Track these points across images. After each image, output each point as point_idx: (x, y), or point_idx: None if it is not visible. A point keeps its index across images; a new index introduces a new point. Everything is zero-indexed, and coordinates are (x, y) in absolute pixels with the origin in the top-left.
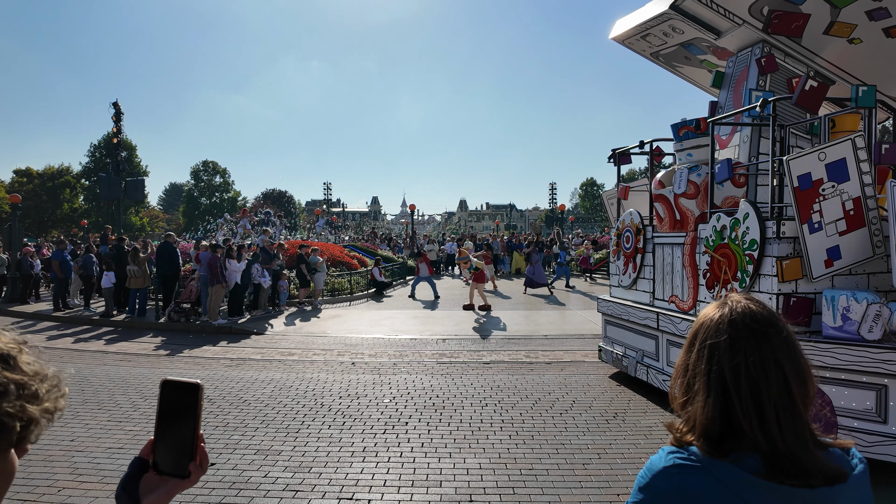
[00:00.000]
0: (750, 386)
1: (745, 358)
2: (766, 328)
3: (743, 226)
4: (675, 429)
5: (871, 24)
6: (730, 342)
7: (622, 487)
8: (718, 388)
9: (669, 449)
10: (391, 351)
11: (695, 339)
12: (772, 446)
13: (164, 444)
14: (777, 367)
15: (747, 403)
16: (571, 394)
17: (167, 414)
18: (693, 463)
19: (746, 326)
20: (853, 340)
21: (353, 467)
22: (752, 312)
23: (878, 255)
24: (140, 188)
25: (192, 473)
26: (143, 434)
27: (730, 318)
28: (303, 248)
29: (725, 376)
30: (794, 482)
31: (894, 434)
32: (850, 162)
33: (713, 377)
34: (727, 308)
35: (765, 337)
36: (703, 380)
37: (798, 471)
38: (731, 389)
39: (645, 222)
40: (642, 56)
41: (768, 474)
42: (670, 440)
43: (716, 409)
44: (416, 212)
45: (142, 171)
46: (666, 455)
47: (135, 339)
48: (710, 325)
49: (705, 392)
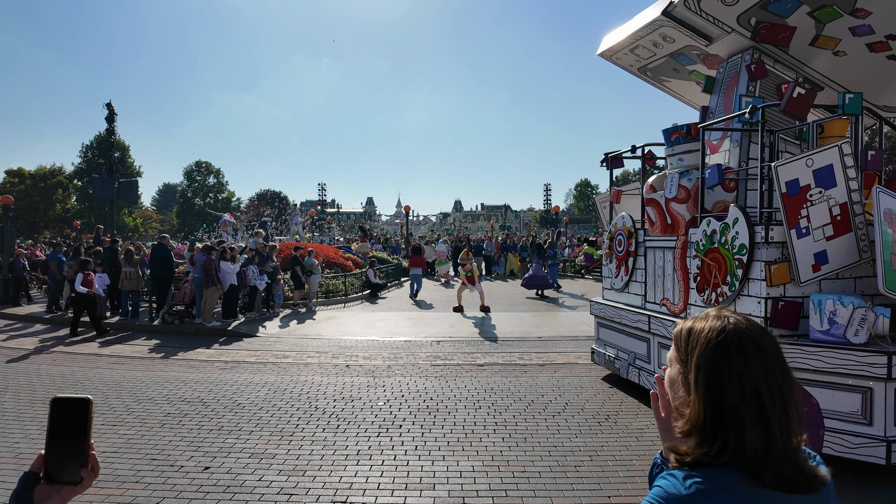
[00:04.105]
0: (755, 398)
1: (749, 370)
2: (762, 339)
3: (732, 230)
4: (679, 451)
5: (855, 39)
6: (734, 353)
7: (613, 489)
8: (721, 402)
9: (684, 474)
10: (385, 353)
11: (689, 353)
12: (772, 457)
13: (57, 455)
14: (778, 378)
15: (762, 414)
16: (564, 396)
17: (60, 428)
18: (713, 486)
19: (750, 338)
20: (839, 344)
21: (347, 470)
22: (748, 325)
23: (864, 259)
24: (133, 189)
25: (84, 479)
26: (136, 438)
27: (730, 329)
28: (297, 250)
29: (731, 390)
30: (795, 490)
31: (879, 436)
32: (837, 168)
33: (717, 391)
34: (723, 321)
35: (761, 349)
36: (706, 393)
37: (798, 479)
38: (739, 402)
39: (637, 226)
40: (629, 72)
41: (769, 484)
42: (673, 461)
43: (716, 422)
44: (410, 213)
45: (135, 171)
46: (684, 483)
47: (128, 342)
48: (708, 336)
49: (710, 405)
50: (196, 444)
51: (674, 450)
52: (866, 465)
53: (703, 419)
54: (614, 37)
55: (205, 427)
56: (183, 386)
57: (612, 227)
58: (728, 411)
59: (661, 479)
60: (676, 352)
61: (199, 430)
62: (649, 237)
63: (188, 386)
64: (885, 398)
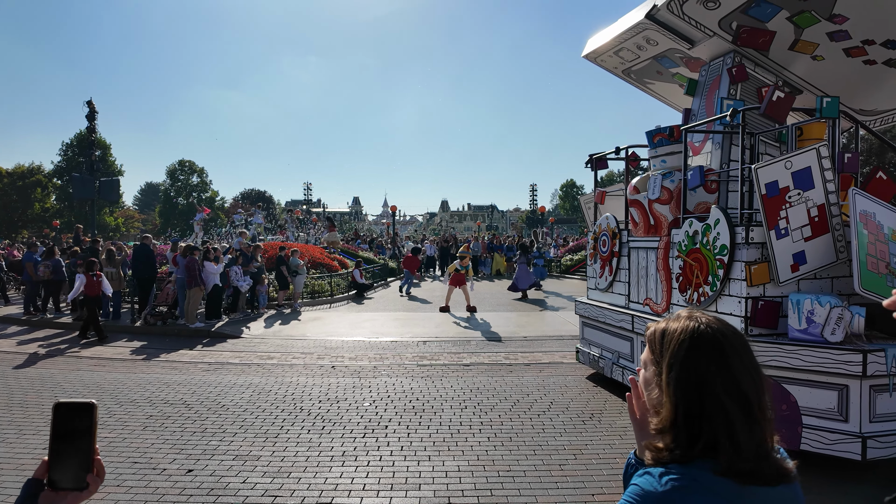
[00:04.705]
0: (734, 396)
1: (725, 369)
2: (735, 340)
3: (714, 231)
4: (656, 448)
5: (833, 44)
6: (708, 352)
7: (597, 487)
8: (698, 400)
9: (660, 471)
10: (371, 354)
11: (663, 354)
12: (745, 453)
13: (62, 462)
14: (753, 376)
15: (735, 413)
16: (549, 395)
17: (64, 434)
18: (689, 483)
19: (723, 338)
20: (817, 342)
21: (332, 472)
22: (720, 325)
23: (840, 260)
24: (115, 188)
25: (90, 484)
26: (118, 441)
27: (703, 329)
28: (283, 250)
29: (708, 389)
30: (767, 483)
31: (854, 432)
32: (815, 170)
33: (692, 391)
34: (696, 321)
35: (735, 348)
36: (680, 393)
37: (772, 473)
38: (717, 401)
39: (620, 227)
40: (613, 74)
41: (742, 479)
42: (648, 459)
43: (691, 420)
44: (397, 212)
45: (117, 170)
46: (660, 480)
47: (109, 344)
48: (681, 337)
49: (684, 404)
50: (179, 446)
51: (649, 447)
52: (842, 461)
53: (678, 418)
54: (599, 39)
55: (188, 429)
56: (166, 388)
57: (596, 228)
58: (705, 410)
59: (638, 476)
60: (651, 353)
61: (182, 432)
62: (633, 238)
63: (171, 388)
64: (861, 395)
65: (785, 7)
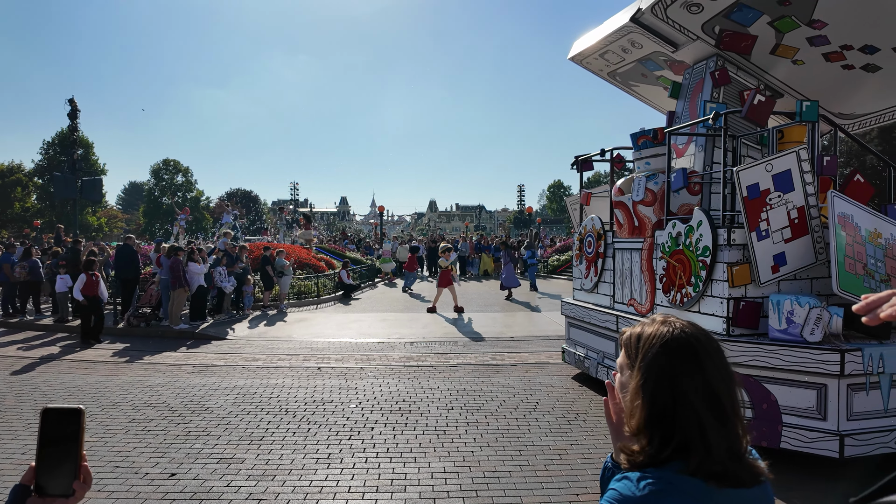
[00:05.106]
0: (708, 400)
1: (699, 373)
2: (707, 344)
3: (697, 233)
4: (630, 450)
5: (812, 48)
6: (682, 356)
7: (581, 487)
8: (672, 404)
9: (638, 475)
10: (358, 355)
11: (637, 358)
12: (716, 455)
13: (49, 468)
14: (725, 380)
15: (706, 416)
16: (535, 395)
17: (51, 439)
18: (666, 486)
19: (697, 342)
20: (796, 342)
21: (317, 474)
22: (693, 330)
23: (819, 261)
24: (97, 187)
25: (77, 491)
26: (99, 445)
27: (678, 334)
28: (268, 250)
29: (683, 393)
30: (740, 485)
31: (833, 430)
32: (795, 173)
33: (667, 394)
34: (670, 326)
35: (708, 353)
36: (654, 396)
37: (745, 475)
38: (691, 404)
39: (605, 228)
40: (599, 76)
41: (715, 481)
42: (623, 462)
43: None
44: (385, 212)
45: (99, 169)
46: (638, 484)
47: (92, 346)
48: (655, 341)
49: (657, 407)
50: (162, 450)
51: (624, 450)
52: (821, 459)
53: (652, 421)
54: (584, 42)
55: (171, 432)
56: (149, 390)
57: (582, 229)
58: (680, 413)
59: (616, 482)
60: (626, 357)
61: (166, 435)
62: (617, 239)
63: (154, 390)
64: (839, 394)
65: (766, 12)
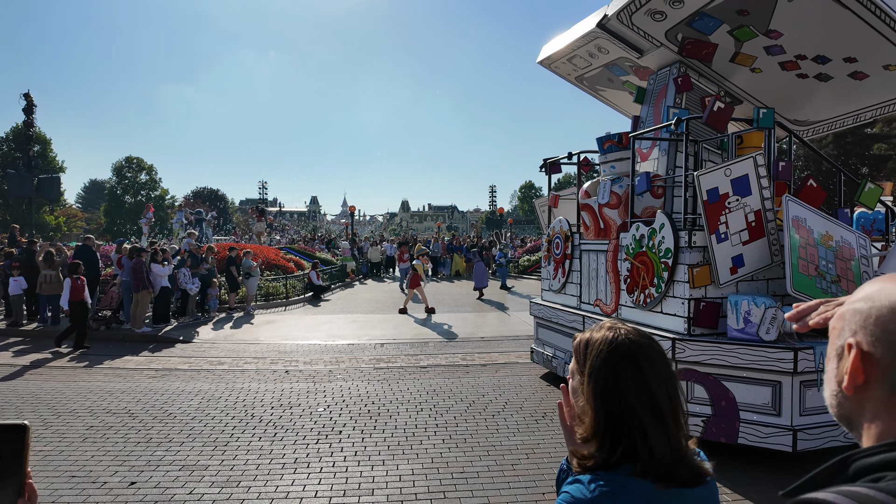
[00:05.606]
0: (650, 404)
1: (642, 377)
2: (651, 349)
3: (659, 235)
4: (582, 455)
5: (769, 57)
6: (625, 362)
7: (547, 486)
8: (618, 408)
9: (589, 478)
10: (327, 357)
11: (585, 363)
12: (658, 457)
13: None
14: (668, 384)
15: (648, 420)
16: (504, 395)
17: None
18: (616, 488)
19: (639, 348)
20: (753, 341)
21: (283, 479)
22: (637, 335)
23: (775, 262)
24: (55, 186)
25: None
26: (54, 454)
27: (622, 340)
28: (233, 251)
29: (626, 397)
30: (684, 485)
31: (787, 426)
32: (752, 178)
33: (611, 399)
34: (615, 332)
35: (651, 358)
36: (601, 401)
37: (690, 475)
38: (635, 408)
39: (573, 230)
40: (567, 80)
41: (660, 482)
42: (575, 466)
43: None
44: (357, 212)
45: (57, 167)
46: (589, 487)
47: (47, 350)
48: (601, 347)
49: (604, 412)
50: (121, 458)
51: (575, 454)
52: (776, 454)
53: (600, 425)
54: (553, 46)
55: (131, 440)
56: (108, 396)
57: (550, 231)
58: (624, 417)
59: (568, 485)
60: (576, 363)
61: (126, 443)
62: (584, 241)
63: (114, 396)
64: (792, 391)
65: (726, 21)
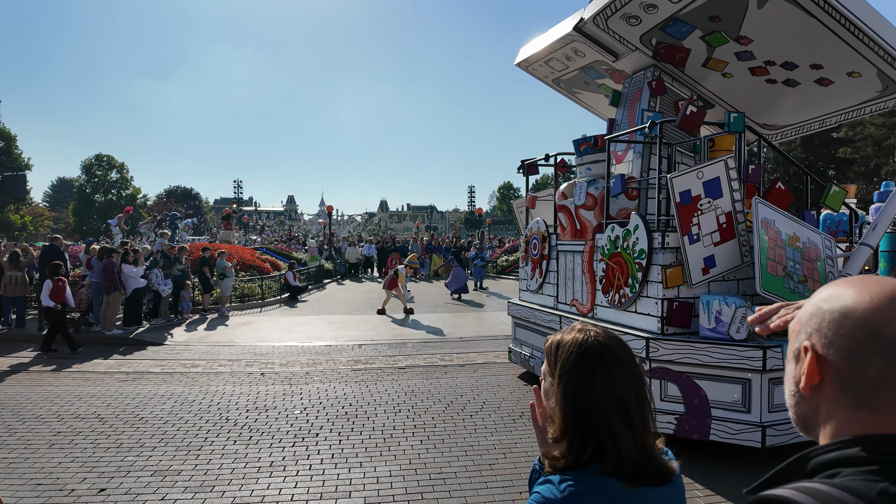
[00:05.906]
0: (617, 405)
1: (609, 379)
2: (619, 351)
3: (633, 236)
4: (552, 456)
5: (740, 63)
6: (594, 363)
7: (524, 486)
8: (586, 409)
9: (559, 478)
10: (304, 359)
11: (556, 365)
12: (625, 457)
13: None
14: (636, 385)
15: (616, 421)
16: (482, 395)
17: None
18: (585, 488)
19: (608, 349)
20: (724, 340)
21: (258, 483)
22: (606, 337)
23: (745, 263)
24: (21, 183)
25: None
26: (19, 461)
27: (591, 342)
28: (206, 251)
29: (594, 398)
30: (651, 483)
31: (756, 422)
32: (723, 180)
33: (580, 400)
34: (584, 334)
35: (619, 359)
36: (570, 402)
37: (657, 474)
38: (602, 409)
39: (550, 230)
40: (544, 82)
41: (628, 481)
42: (546, 467)
43: (582, 428)
44: (335, 212)
45: (23, 164)
46: (559, 486)
47: (12, 354)
48: (570, 349)
49: (573, 413)
50: (90, 464)
51: (546, 455)
52: (745, 449)
53: (570, 426)
54: (530, 48)
55: (101, 445)
56: (76, 401)
57: (528, 232)
58: (593, 418)
59: (539, 485)
60: (547, 364)
61: (95, 448)
62: (561, 241)
63: (83, 401)
64: (761, 388)
65: (698, 27)
